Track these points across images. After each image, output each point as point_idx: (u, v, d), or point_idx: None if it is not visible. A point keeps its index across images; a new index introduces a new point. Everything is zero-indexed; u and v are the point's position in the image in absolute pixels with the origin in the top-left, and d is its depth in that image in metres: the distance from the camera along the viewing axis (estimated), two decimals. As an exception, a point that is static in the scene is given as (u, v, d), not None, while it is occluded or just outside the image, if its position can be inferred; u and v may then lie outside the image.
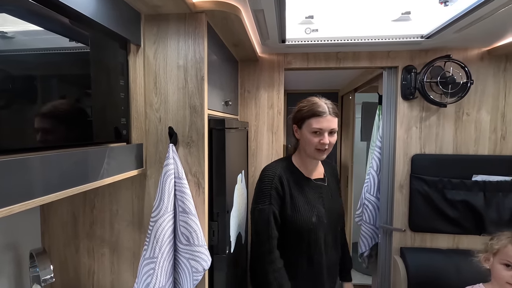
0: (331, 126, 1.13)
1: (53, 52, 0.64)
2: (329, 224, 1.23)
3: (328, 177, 1.31)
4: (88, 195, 1.01)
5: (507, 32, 1.33)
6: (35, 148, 0.58)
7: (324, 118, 1.12)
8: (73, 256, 1.03)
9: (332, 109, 1.15)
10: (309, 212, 1.18)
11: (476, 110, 1.62)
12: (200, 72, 0.95)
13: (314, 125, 1.13)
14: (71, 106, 0.68)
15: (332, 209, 1.25)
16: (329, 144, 1.14)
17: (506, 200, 1.55)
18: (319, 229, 1.19)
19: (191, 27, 0.94)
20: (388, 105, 1.71)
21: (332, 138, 1.14)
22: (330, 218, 1.23)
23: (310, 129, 1.14)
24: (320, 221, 1.19)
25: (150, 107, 0.97)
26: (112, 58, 0.84)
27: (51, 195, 0.59)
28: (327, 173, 1.32)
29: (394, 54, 1.63)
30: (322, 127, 1.12)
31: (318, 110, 1.13)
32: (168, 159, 0.91)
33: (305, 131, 1.17)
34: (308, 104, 1.17)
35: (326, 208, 1.23)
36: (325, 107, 1.13)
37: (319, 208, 1.21)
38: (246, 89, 1.75)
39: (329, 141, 1.13)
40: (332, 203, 1.26)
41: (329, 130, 1.13)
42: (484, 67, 1.59)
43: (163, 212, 0.87)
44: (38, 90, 0.59)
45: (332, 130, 1.14)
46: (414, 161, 1.64)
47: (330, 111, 1.13)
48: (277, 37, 1.36)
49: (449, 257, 1.55)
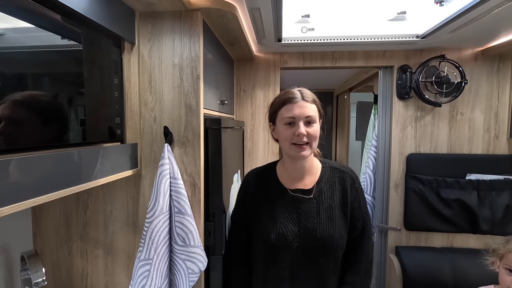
0: (305, 113, 0.91)
1: (45, 50, 0.62)
2: (305, 251, 0.92)
3: (323, 189, 0.97)
4: (81, 196, 0.99)
5: (500, 32, 1.34)
6: (25, 148, 0.56)
7: (295, 104, 0.91)
8: (66, 258, 1.01)
9: (305, 94, 0.93)
10: (270, 226, 0.94)
11: (470, 110, 1.64)
12: (195, 70, 0.93)
13: (285, 114, 0.92)
14: (64, 105, 0.66)
15: (314, 232, 0.92)
16: (308, 136, 0.90)
17: (499, 198, 1.57)
18: (281, 252, 0.93)
19: (187, 25, 0.93)
20: (383, 105, 1.72)
21: (310, 128, 0.91)
22: (307, 243, 0.92)
23: (282, 120, 0.94)
24: (284, 242, 0.92)
25: (145, 106, 0.95)
26: (105, 56, 0.82)
27: (43, 197, 0.57)
28: (326, 184, 0.98)
29: (389, 54, 1.64)
30: (294, 115, 0.91)
31: (288, 97, 0.93)
32: (163, 159, 0.90)
33: (278, 125, 0.96)
34: (279, 95, 0.99)
35: (302, 228, 0.92)
36: (296, 93, 0.93)
37: (286, 226, 0.93)
38: (242, 88, 1.74)
39: (307, 131, 0.90)
40: (316, 224, 0.93)
41: (304, 118, 0.91)
42: (478, 67, 1.61)
43: (158, 212, 0.86)
44: (29, 89, 0.57)
45: (308, 119, 0.91)
46: (409, 160, 1.65)
47: (303, 96, 0.92)
48: (273, 36, 1.35)
49: (443, 255, 1.57)
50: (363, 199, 1.01)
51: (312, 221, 0.93)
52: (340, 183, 0.99)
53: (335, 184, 0.98)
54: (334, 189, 0.98)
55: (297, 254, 0.92)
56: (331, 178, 0.99)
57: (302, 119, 0.91)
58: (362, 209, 1.00)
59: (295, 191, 0.98)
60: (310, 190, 0.97)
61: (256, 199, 1.00)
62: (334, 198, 0.97)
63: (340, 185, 0.98)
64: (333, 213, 0.95)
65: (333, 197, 0.97)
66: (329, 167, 1.01)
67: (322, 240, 0.91)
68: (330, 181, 0.99)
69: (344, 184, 0.99)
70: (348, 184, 0.98)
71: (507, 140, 1.63)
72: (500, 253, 1.14)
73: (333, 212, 0.95)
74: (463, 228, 1.60)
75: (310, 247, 0.92)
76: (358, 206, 0.99)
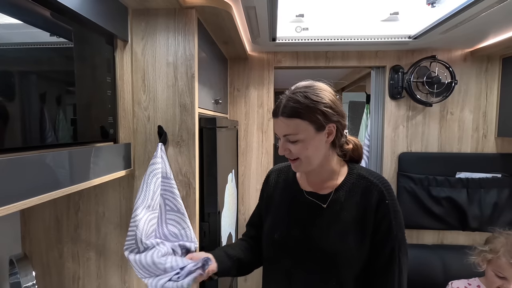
0: (281, 131, 0.77)
1: (34, 47, 0.60)
2: (304, 260, 0.81)
3: (340, 198, 0.81)
4: (72, 197, 0.96)
5: (488, 34, 1.37)
6: (13, 149, 0.54)
7: (275, 120, 0.79)
8: (56, 261, 0.99)
9: (285, 107, 0.75)
10: (276, 224, 0.87)
11: (459, 110, 1.67)
12: (190, 69, 0.92)
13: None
14: (54, 104, 0.64)
15: (318, 243, 0.80)
16: (292, 154, 0.78)
17: (487, 196, 1.61)
18: (281, 255, 0.85)
19: (181, 23, 0.91)
20: (376, 104, 1.74)
21: (293, 146, 0.76)
22: (308, 252, 0.81)
23: None
24: (285, 245, 0.84)
25: (138, 105, 0.93)
26: (97, 54, 0.80)
27: (33, 199, 0.55)
28: (346, 193, 0.81)
29: (382, 54, 1.66)
30: (275, 132, 0.82)
31: (273, 109, 0.80)
32: (155, 157, 0.88)
33: None
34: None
35: (307, 236, 0.81)
36: (279, 103, 0.78)
37: (291, 228, 0.84)
38: (235, 88, 1.73)
39: (290, 149, 0.77)
40: (323, 236, 0.80)
41: (283, 137, 0.78)
42: (467, 67, 1.64)
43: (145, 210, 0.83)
44: (17, 87, 0.55)
45: (287, 137, 0.77)
46: (401, 159, 1.68)
47: (282, 110, 0.76)
48: (267, 35, 1.35)
49: (434, 252, 1.60)
50: (396, 220, 0.78)
51: (319, 231, 0.80)
52: (363, 195, 0.79)
53: (357, 195, 0.80)
54: (354, 201, 0.79)
55: (297, 263, 0.82)
56: (355, 187, 0.81)
57: (282, 137, 0.79)
58: (392, 233, 0.77)
59: (310, 194, 0.85)
60: (327, 196, 0.83)
61: (271, 195, 0.93)
62: (351, 210, 0.79)
63: (363, 197, 0.79)
64: (345, 228, 0.78)
65: (350, 210, 0.79)
66: (356, 175, 0.83)
67: (324, 254, 0.79)
68: (352, 190, 0.81)
69: (369, 197, 0.78)
70: (375, 199, 0.78)
71: (495, 139, 1.67)
72: (487, 258, 1.14)
73: (346, 227, 0.78)
74: (453, 225, 1.64)
75: (313, 257, 0.80)
76: (387, 228, 0.77)
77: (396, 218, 0.78)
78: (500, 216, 1.60)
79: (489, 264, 1.15)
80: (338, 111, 0.78)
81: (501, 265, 1.10)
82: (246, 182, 1.76)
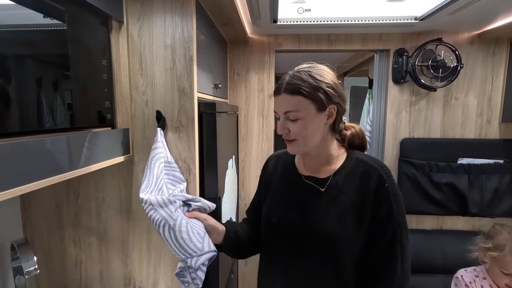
0: (283, 108, 0.77)
1: (26, 29, 0.58)
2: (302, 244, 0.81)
3: (339, 182, 0.80)
4: (71, 183, 0.96)
5: (498, 15, 1.32)
6: (9, 134, 0.53)
7: (276, 98, 0.79)
8: (58, 246, 0.99)
9: (288, 83, 0.75)
10: (275, 208, 0.87)
11: (464, 94, 1.64)
12: (188, 52, 0.89)
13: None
14: (48, 88, 0.62)
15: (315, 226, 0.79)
16: (290, 134, 0.77)
17: (488, 182, 1.60)
18: (279, 238, 0.85)
19: (179, 3, 0.87)
20: (378, 89, 1.70)
21: (291, 124, 0.76)
22: (306, 236, 0.81)
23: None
24: (283, 229, 0.84)
25: (135, 89, 0.91)
26: (92, 36, 0.77)
27: (30, 185, 0.54)
28: (345, 177, 0.81)
29: (386, 37, 1.61)
30: (276, 110, 0.81)
31: (275, 87, 0.81)
32: (156, 142, 0.87)
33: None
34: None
35: (304, 220, 0.81)
36: (282, 81, 0.78)
37: (289, 212, 0.84)
38: (235, 72, 1.70)
39: (288, 128, 0.77)
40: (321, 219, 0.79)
41: (283, 114, 0.77)
42: (474, 51, 1.60)
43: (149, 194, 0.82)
44: (10, 71, 0.53)
45: (287, 115, 0.76)
46: (403, 145, 1.66)
47: (285, 87, 0.76)
48: (268, 16, 1.30)
49: (434, 237, 1.61)
50: (397, 204, 0.77)
51: (317, 215, 0.80)
52: (362, 179, 0.79)
53: (355, 179, 0.79)
54: (353, 185, 0.79)
55: (294, 247, 0.82)
56: (353, 171, 0.80)
57: (282, 115, 0.78)
58: (393, 217, 0.76)
59: (308, 178, 0.84)
60: (325, 180, 0.82)
61: (270, 180, 0.93)
62: (350, 194, 0.78)
63: (362, 181, 0.78)
64: (344, 212, 0.78)
65: (348, 193, 0.79)
66: (355, 159, 0.82)
67: (322, 238, 0.78)
68: (350, 174, 0.80)
69: (368, 181, 0.78)
70: (374, 183, 0.77)
71: (499, 125, 1.65)
72: (492, 255, 1.11)
73: (344, 211, 0.78)
74: (453, 211, 1.64)
75: (309, 242, 0.80)
76: (387, 212, 0.76)
77: (397, 202, 0.78)
78: (500, 202, 1.60)
79: (494, 261, 1.12)
80: (339, 93, 0.78)
81: (508, 262, 1.06)
82: (246, 168, 1.76)
